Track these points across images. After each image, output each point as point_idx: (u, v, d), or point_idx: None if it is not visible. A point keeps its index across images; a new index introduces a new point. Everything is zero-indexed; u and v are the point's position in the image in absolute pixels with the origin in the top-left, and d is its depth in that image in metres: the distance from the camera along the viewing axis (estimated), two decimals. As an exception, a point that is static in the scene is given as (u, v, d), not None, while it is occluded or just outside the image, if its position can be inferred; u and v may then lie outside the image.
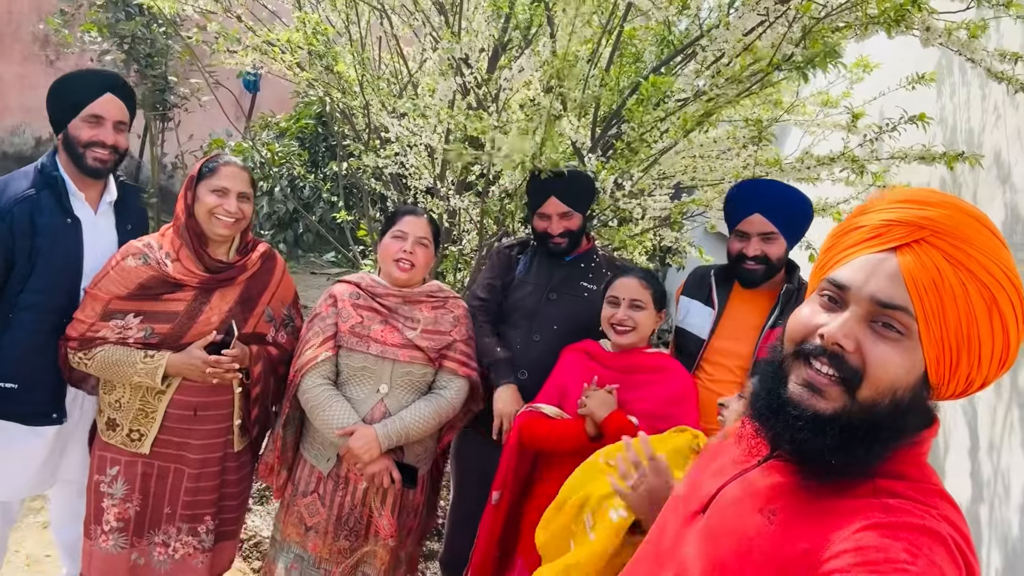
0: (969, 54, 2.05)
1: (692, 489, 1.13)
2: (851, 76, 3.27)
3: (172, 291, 2.15)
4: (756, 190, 2.29)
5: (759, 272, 2.24)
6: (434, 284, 2.40)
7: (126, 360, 2.11)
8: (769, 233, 2.21)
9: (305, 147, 5.32)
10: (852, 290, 0.90)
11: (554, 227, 2.45)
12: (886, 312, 0.88)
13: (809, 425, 0.90)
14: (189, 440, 2.21)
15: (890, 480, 0.88)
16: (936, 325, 0.86)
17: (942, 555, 0.80)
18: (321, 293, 5.49)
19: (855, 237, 0.95)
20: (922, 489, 0.87)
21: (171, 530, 2.24)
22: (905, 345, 0.87)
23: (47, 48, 9.83)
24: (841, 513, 0.86)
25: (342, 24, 3.33)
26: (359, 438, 2.12)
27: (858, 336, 0.89)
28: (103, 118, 2.21)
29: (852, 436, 0.87)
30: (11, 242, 2.08)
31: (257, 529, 3.30)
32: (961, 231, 0.87)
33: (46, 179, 2.19)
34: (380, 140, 3.40)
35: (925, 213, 0.89)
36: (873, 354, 0.87)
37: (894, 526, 0.82)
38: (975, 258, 0.86)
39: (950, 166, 2.49)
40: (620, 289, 2.20)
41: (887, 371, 0.87)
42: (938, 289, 0.86)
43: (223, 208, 2.16)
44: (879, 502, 0.85)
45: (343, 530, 2.24)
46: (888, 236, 0.90)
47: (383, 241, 2.33)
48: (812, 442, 0.89)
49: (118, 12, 6.21)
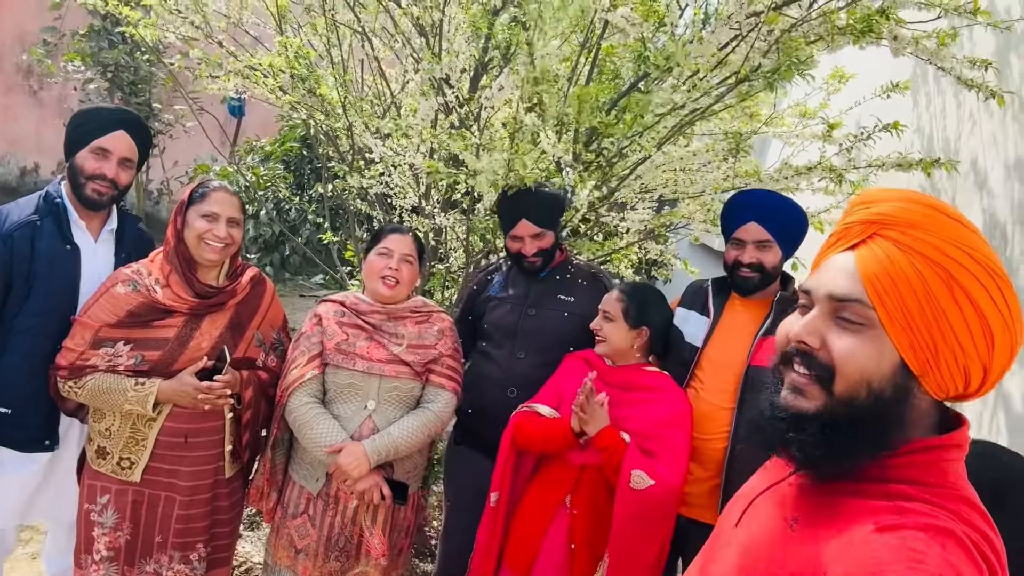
0: (939, 62, 2.09)
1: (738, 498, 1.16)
2: (828, 87, 3.32)
3: (162, 318, 2.15)
4: (751, 199, 2.33)
5: (754, 280, 2.27)
6: (418, 299, 2.41)
7: (116, 388, 2.10)
8: (764, 241, 2.25)
9: (290, 170, 5.34)
10: (813, 292, 0.96)
11: (527, 248, 2.48)
12: (843, 305, 0.91)
13: (792, 425, 0.93)
14: (180, 467, 2.19)
15: (905, 485, 0.88)
16: (897, 311, 0.88)
17: (957, 553, 0.79)
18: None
19: (825, 245, 1.01)
20: (944, 495, 0.87)
21: (163, 559, 2.22)
22: (868, 335, 0.89)
23: (30, 78, 9.83)
24: (854, 516, 0.88)
25: (323, 48, 3.35)
26: (347, 455, 2.11)
27: (822, 332, 0.93)
28: (110, 152, 2.25)
29: (835, 431, 0.90)
30: (10, 265, 2.12)
31: (248, 555, 3.27)
32: (911, 219, 0.90)
33: (49, 206, 2.23)
34: (364, 161, 3.41)
35: (877, 208, 0.94)
36: (837, 347, 0.91)
37: (904, 526, 0.82)
38: (926, 241, 0.88)
39: (927, 172, 2.52)
40: (602, 301, 2.30)
41: (854, 362, 0.89)
42: (891, 276, 0.88)
43: (213, 233, 2.17)
44: (893, 505, 0.86)
45: (333, 551, 2.23)
46: (847, 237, 0.96)
47: (368, 258, 2.34)
48: (796, 441, 0.93)
49: (101, 41, 6.25)
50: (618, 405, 2.14)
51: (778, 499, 1.03)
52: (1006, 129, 2.75)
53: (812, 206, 3.20)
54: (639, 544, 2.02)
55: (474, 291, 2.72)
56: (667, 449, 2.07)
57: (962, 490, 0.89)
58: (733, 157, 2.71)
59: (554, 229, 2.51)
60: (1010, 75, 2.76)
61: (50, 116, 9.76)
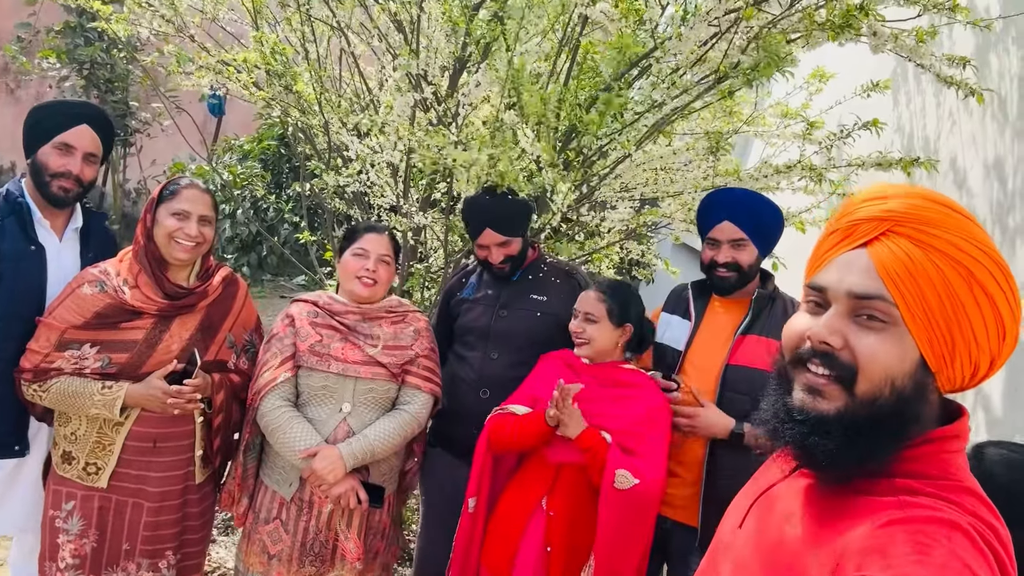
0: (918, 59, 2.08)
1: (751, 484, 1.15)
2: (809, 87, 3.31)
3: (130, 319, 2.10)
4: (725, 198, 2.31)
5: (731, 279, 2.25)
6: (393, 299, 2.37)
7: (83, 391, 2.04)
8: (739, 240, 2.23)
9: (268, 168, 5.27)
10: (830, 290, 0.94)
11: (494, 256, 2.45)
12: (865, 303, 0.90)
13: (815, 428, 0.92)
14: (148, 473, 2.14)
15: (909, 479, 0.88)
16: (918, 308, 0.87)
17: (964, 545, 0.79)
18: (286, 317, 5.30)
19: (829, 242, 0.99)
20: (947, 487, 0.87)
21: (130, 567, 2.16)
22: (891, 332, 0.89)
23: (7, 76, 9.67)
24: (859, 513, 0.87)
25: (299, 43, 3.30)
26: (323, 459, 2.07)
27: (844, 332, 0.91)
28: (73, 148, 2.19)
29: (858, 433, 0.89)
30: None
31: (222, 560, 3.22)
32: (923, 215, 0.90)
33: (11, 205, 2.17)
34: (342, 159, 3.36)
35: (886, 206, 0.92)
36: (861, 346, 0.89)
37: (910, 520, 0.82)
38: (943, 238, 0.88)
39: (906, 171, 2.52)
40: (579, 301, 2.25)
41: (878, 361, 0.88)
42: (911, 273, 0.88)
43: (183, 232, 2.12)
44: (896, 500, 0.86)
45: (308, 556, 2.19)
46: (857, 234, 0.94)
47: (343, 258, 2.30)
48: (819, 445, 0.91)
49: (76, 38, 6.16)
50: (597, 402, 2.12)
51: (782, 498, 1.02)
52: (985, 128, 2.75)
53: (793, 206, 3.20)
54: (625, 545, 2.00)
55: (448, 293, 2.69)
56: (647, 446, 2.05)
57: (965, 481, 0.89)
58: (713, 156, 2.70)
59: (521, 235, 2.48)
60: (989, 74, 2.76)
61: (26, 115, 9.62)
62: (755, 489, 1.11)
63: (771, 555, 0.95)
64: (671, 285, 2.65)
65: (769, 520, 1.01)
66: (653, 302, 2.59)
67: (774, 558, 0.94)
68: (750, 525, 1.05)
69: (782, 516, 0.98)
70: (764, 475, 1.13)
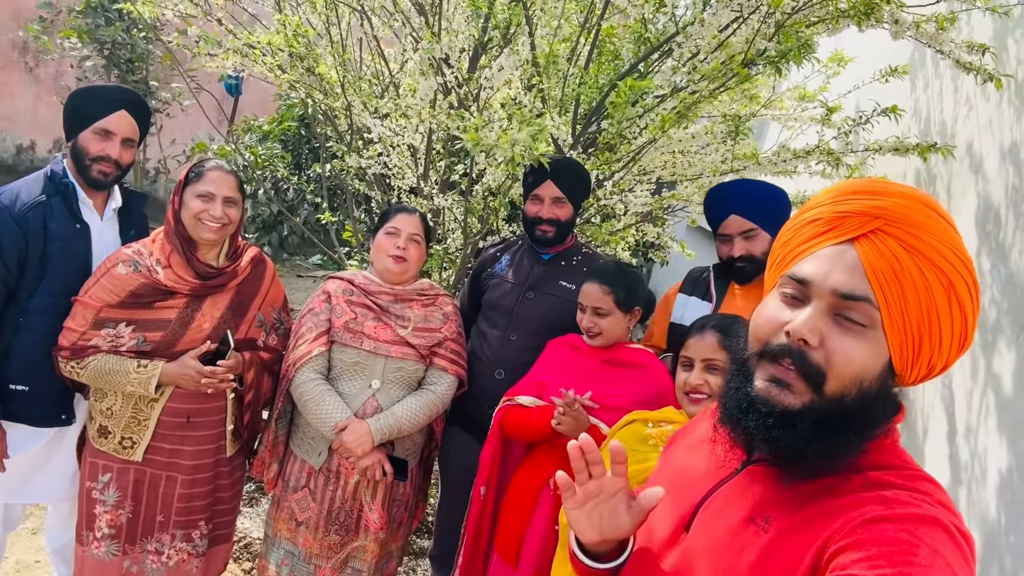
0: (938, 46, 2.10)
1: (666, 468, 1.13)
2: (827, 71, 3.32)
3: (164, 299, 2.15)
4: (725, 193, 2.36)
5: (748, 269, 2.30)
6: (424, 282, 2.44)
7: (119, 369, 2.10)
8: (748, 230, 2.27)
9: (288, 149, 5.33)
10: (814, 284, 0.90)
11: (545, 211, 2.48)
12: (849, 304, 0.87)
13: (780, 422, 0.89)
14: (182, 447, 2.21)
15: (879, 472, 0.88)
16: (898, 314, 0.86)
17: (944, 542, 0.80)
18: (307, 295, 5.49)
19: (810, 231, 0.95)
20: (909, 475, 0.88)
21: (164, 538, 2.24)
22: (869, 336, 0.87)
23: (27, 55, 9.74)
24: (839, 511, 0.86)
25: (323, 26, 3.34)
26: (352, 432, 2.15)
27: (823, 330, 0.88)
28: (112, 133, 2.25)
29: (824, 428, 0.87)
30: (24, 247, 2.12)
31: (247, 530, 3.31)
32: (915, 219, 0.88)
33: (57, 186, 2.23)
34: (363, 141, 3.41)
35: (878, 203, 0.90)
36: (837, 347, 0.87)
37: (893, 518, 0.82)
38: (931, 244, 0.86)
39: (923, 157, 2.54)
40: (583, 296, 2.22)
41: (852, 363, 0.86)
42: (898, 278, 0.86)
43: (208, 213, 2.16)
44: (875, 495, 0.85)
45: (334, 525, 2.27)
46: (844, 227, 0.91)
47: (376, 238, 2.37)
48: (785, 439, 0.88)
49: (98, 18, 6.20)
50: (603, 382, 2.15)
51: (734, 498, 0.97)
52: (1002, 113, 2.75)
53: (808, 189, 3.22)
54: None
55: (480, 266, 2.72)
56: None
57: (918, 468, 0.90)
58: (732, 140, 2.72)
59: (575, 205, 2.51)
60: (1007, 60, 2.76)
61: (46, 93, 9.69)
62: (691, 492, 1.05)
63: (739, 558, 0.91)
64: (685, 267, 2.68)
65: (727, 522, 0.95)
66: (667, 284, 2.63)
67: (742, 561, 0.90)
68: (704, 528, 0.99)
69: (744, 517, 0.94)
70: (685, 454, 1.09)
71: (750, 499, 0.95)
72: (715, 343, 1.70)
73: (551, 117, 2.30)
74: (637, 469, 1.67)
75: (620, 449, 1.02)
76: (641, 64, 2.64)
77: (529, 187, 2.52)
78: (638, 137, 2.51)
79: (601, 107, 2.70)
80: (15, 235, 2.11)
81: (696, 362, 1.72)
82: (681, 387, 1.74)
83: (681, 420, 1.74)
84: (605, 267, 2.33)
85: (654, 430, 1.75)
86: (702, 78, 2.23)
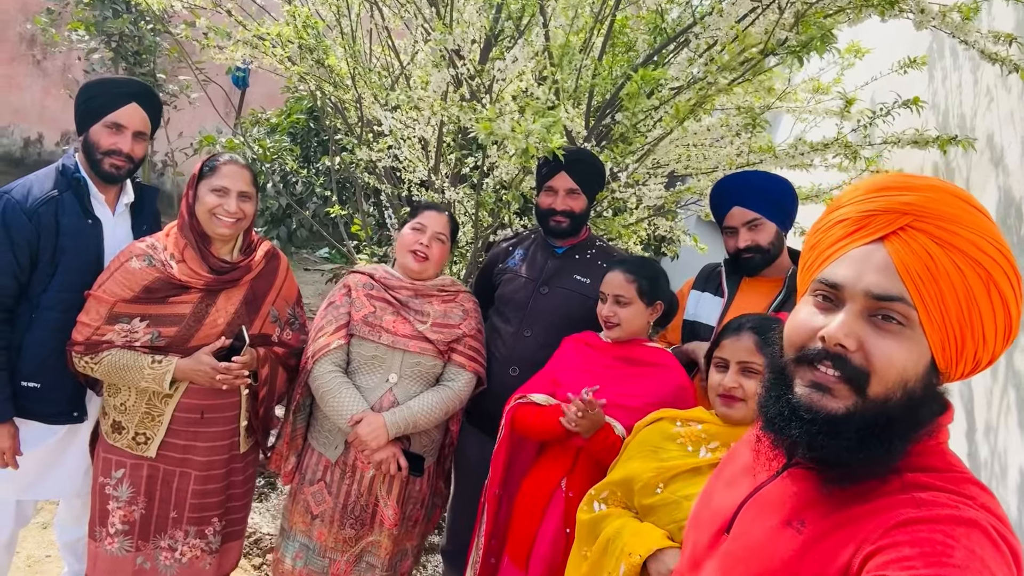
0: (962, 36, 2.06)
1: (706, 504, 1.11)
2: (843, 61, 3.27)
3: (178, 293, 2.13)
4: (725, 186, 2.35)
5: (755, 260, 2.28)
6: (446, 279, 2.43)
7: (133, 365, 2.08)
8: (752, 221, 2.25)
9: (297, 142, 5.31)
10: (846, 288, 0.87)
11: (559, 203, 2.46)
12: (884, 305, 0.85)
13: (824, 428, 0.86)
14: (195, 443, 2.20)
15: (917, 473, 0.85)
16: (936, 310, 0.84)
17: (982, 543, 0.77)
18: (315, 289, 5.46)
19: (838, 231, 0.92)
20: (952, 479, 0.85)
21: (177, 534, 2.23)
22: (908, 335, 0.84)
23: (34, 48, 9.75)
24: (873, 514, 0.83)
25: (332, 17, 3.31)
26: (367, 425, 2.14)
27: (859, 333, 0.85)
28: (124, 127, 2.23)
29: (869, 434, 0.84)
30: (36, 242, 2.11)
31: (257, 526, 3.30)
32: (945, 211, 0.85)
33: (69, 181, 2.21)
34: (373, 133, 3.38)
35: (905, 198, 0.87)
36: (877, 349, 0.84)
37: (928, 520, 0.79)
38: (964, 237, 0.84)
39: (943, 150, 2.50)
40: (606, 284, 2.18)
41: (894, 365, 0.84)
42: (932, 274, 0.83)
43: (223, 208, 2.14)
44: (910, 497, 0.83)
45: (349, 519, 2.27)
46: (872, 226, 0.88)
47: (402, 232, 2.37)
48: (830, 446, 0.86)
49: (105, 10, 6.17)
50: (619, 380, 2.10)
51: (773, 501, 0.96)
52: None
53: (824, 182, 3.18)
54: None
55: (492, 260, 2.70)
56: None
57: (966, 471, 0.87)
58: (748, 133, 2.69)
59: (589, 197, 2.49)
60: (1030, 50, 2.72)
61: (54, 86, 9.69)
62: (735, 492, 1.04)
63: (773, 560, 0.89)
64: (696, 261, 2.65)
65: (766, 524, 0.94)
66: (678, 278, 2.60)
67: (777, 563, 0.89)
68: (742, 531, 0.98)
69: (782, 519, 0.92)
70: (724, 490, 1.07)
71: (789, 501, 0.94)
72: (751, 345, 1.65)
73: (565, 109, 2.27)
74: (661, 467, 1.64)
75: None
76: (656, 55, 2.60)
77: (543, 179, 2.49)
78: (653, 129, 2.48)
79: (615, 99, 2.67)
80: (27, 230, 2.09)
81: (731, 364, 1.67)
82: (715, 388, 1.69)
83: (711, 420, 1.70)
84: (629, 257, 2.31)
85: (683, 428, 1.72)
86: (721, 68, 2.20)
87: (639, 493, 1.66)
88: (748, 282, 2.36)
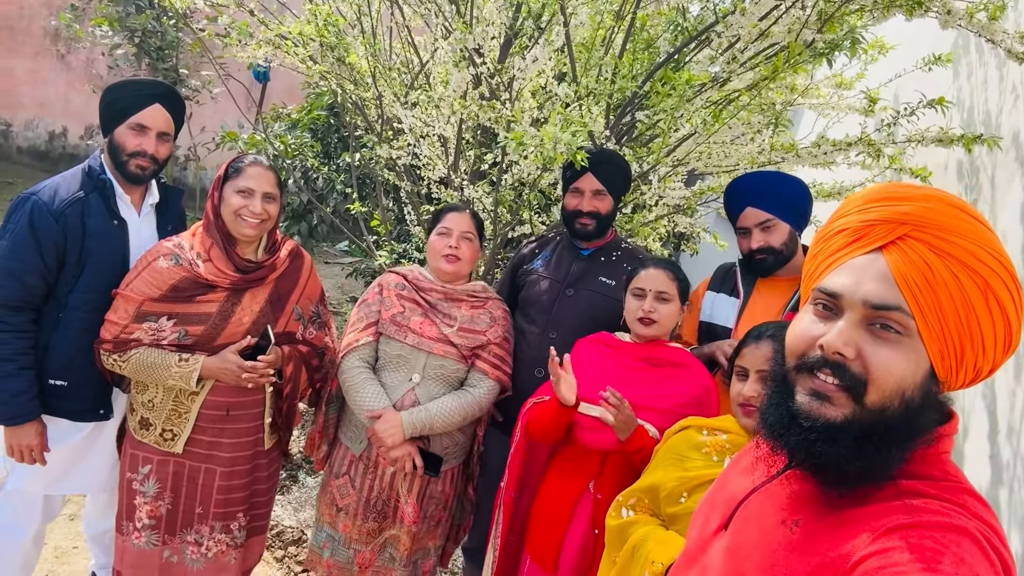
0: (989, 35, 2.03)
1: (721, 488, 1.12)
2: (866, 58, 3.24)
3: (204, 292, 2.16)
4: (738, 187, 2.34)
5: (768, 261, 2.29)
6: (478, 284, 2.45)
7: (161, 363, 2.12)
8: (765, 221, 2.25)
9: (317, 138, 5.33)
10: (844, 296, 0.89)
11: (585, 204, 2.46)
12: (882, 314, 0.86)
13: (822, 435, 0.88)
14: (221, 439, 2.23)
15: (913, 481, 0.86)
16: (934, 319, 0.84)
17: (972, 551, 0.78)
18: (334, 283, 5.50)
19: (838, 241, 0.94)
20: (948, 487, 0.86)
21: (204, 529, 2.26)
22: (906, 344, 0.86)
23: (58, 43, 9.87)
24: (865, 518, 0.85)
25: (353, 15, 3.32)
26: (384, 422, 2.18)
27: (858, 342, 0.87)
28: (148, 128, 2.25)
29: (867, 441, 0.86)
30: (63, 243, 2.14)
31: (279, 518, 3.35)
32: (943, 221, 0.86)
33: (95, 182, 2.24)
34: (393, 131, 3.40)
35: (904, 208, 0.88)
36: (875, 358, 0.86)
37: (919, 526, 0.80)
38: (962, 246, 0.85)
39: (968, 148, 2.47)
40: (646, 280, 2.13)
41: (891, 374, 0.85)
42: (930, 283, 0.84)
43: (248, 209, 2.17)
44: (902, 504, 0.84)
45: (371, 512, 2.32)
46: (871, 236, 0.90)
47: (430, 239, 2.40)
48: (827, 453, 0.87)
49: (128, 6, 6.24)
50: (644, 382, 2.08)
51: (771, 500, 0.98)
52: (1052, 104, 2.67)
53: (847, 180, 3.15)
54: None
55: (517, 262, 2.70)
56: None
57: (964, 481, 0.88)
58: (769, 130, 2.67)
59: (616, 198, 2.49)
60: (1058, 47, 2.67)
61: (78, 81, 9.82)
62: (732, 493, 1.07)
63: (765, 560, 0.91)
64: (715, 257, 2.64)
65: (760, 524, 0.96)
66: (698, 274, 2.59)
67: (769, 563, 0.90)
68: (739, 528, 1.01)
69: (776, 521, 0.94)
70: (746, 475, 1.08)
71: (785, 502, 0.95)
72: (771, 354, 1.60)
73: (589, 109, 2.27)
74: (685, 476, 1.64)
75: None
76: (677, 54, 2.59)
77: (568, 180, 2.49)
78: (679, 129, 2.47)
79: (635, 97, 2.66)
80: (54, 231, 2.12)
81: (751, 372, 1.65)
82: (735, 398, 1.66)
83: (736, 431, 1.69)
84: (660, 258, 2.31)
85: (708, 438, 1.71)
86: (754, 67, 2.18)
87: (664, 501, 1.66)
88: (763, 282, 2.36)
